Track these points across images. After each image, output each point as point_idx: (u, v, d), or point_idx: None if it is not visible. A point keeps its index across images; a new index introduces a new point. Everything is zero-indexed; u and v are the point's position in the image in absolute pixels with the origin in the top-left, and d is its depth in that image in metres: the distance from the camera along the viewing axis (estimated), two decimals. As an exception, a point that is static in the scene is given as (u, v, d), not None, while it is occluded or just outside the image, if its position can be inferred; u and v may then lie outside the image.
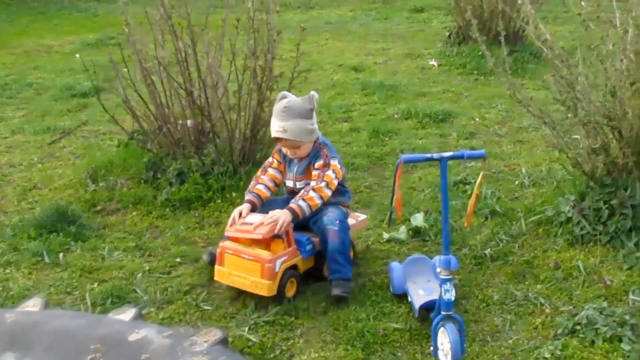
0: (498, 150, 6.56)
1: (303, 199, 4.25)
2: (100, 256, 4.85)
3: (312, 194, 4.26)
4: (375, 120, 7.45)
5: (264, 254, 4.13)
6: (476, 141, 6.84)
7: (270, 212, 4.22)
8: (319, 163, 4.36)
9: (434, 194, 5.60)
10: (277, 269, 4.11)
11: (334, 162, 4.37)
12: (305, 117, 4.28)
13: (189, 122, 5.84)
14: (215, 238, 5.04)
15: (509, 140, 6.86)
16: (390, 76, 9.24)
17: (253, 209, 4.41)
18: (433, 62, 9.81)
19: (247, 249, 4.18)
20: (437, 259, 3.98)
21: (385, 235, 4.98)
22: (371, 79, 9.01)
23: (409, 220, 5.12)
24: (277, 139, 4.42)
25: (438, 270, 3.67)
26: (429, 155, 3.64)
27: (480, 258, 4.65)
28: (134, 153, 6.17)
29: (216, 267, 4.28)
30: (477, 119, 7.46)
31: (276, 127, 4.32)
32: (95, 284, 4.48)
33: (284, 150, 4.49)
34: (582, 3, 4.91)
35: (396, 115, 7.63)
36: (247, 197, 4.51)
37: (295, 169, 4.47)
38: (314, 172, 4.37)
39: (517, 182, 5.83)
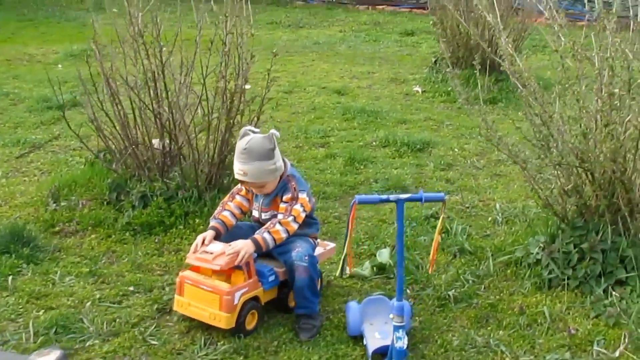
0: (474, 184, 6.43)
1: (268, 232, 4.16)
2: (51, 281, 4.68)
3: (278, 227, 4.18)
4: (352, 147, 7.32)
5: (223, 285, 4.04)
6: (453, 173, 6.71)
7: (233, 243, 4.12)
8: (287, 196, 4.29)
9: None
10: (236, 301, 4.01)
11: (302, 196, 4.29)
12: (266, 159, 4.19)
13: (155, 142, 5.69)
14: (173, 266, 4.90)
15: (486, 173, 6.74)
16: (373, 101, 9.12)
17: (217, 236, 4.31)
18: (417, 89, 9.69)
19: (207, 279, 4.09)
20: (393, 302, 3.83)
21: (348, 271, 4.82)
22: (353, 104, 8.89)
23: (374, 256, 4.98)
24: (240, 181, 4.37)
25: (391, 316, 3.53)
26: (384, 196, 3.52)
27: (444, 299, 4.51)
28: (99, 172, 6.02)
29: (175, 296, 4.19)
30: (455, 150, 7.34)
31: (237, 169, 4.27)
32: (42, 312, 4.31)
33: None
34: (561, 37, 4.81)
35: (374, 143, 7.50)
36: (212, 223, 4.40)
37: (262, 200, 4.40)
38: (282, 205, 4.28)
39: (490, 219, 5.70)
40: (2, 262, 4.83)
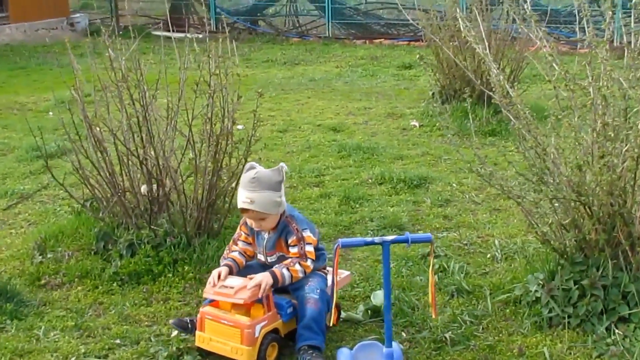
0: (472, 220, 6.37)
1: (287, 269, 4.31)
2: (35, 337, 4.62)
3: (297, 267, 4.33)
4: (347, 186, 7.29)
5: (243, 319, 4.20)
6: (450, 209, 6.66)
7: (252, 276, 4.26)
8: (292, 239, 4.39)
9: (398, 269, 5.39)
10: (256, 334, 4.16)
11: (307, 234, 4.41)
12: (274, 189, 4.31)
13: (143, 189, 5.65)
14: (161, 316, 4.84)
15: (485, 208, 6.68)
16: (369, 137, 9.11)
17: (230, 273, 4.42)
18: (414, 123, 9.68)
19: (227, 314, 4.25)
20: (394, 346, 3.77)
21: (342, 315, 4.75)
22: (349, 141, 8.87)
23: (369, 298, 4.91)
24: (244, 210, 4.42)
25: (380, 364, 3.46)
26: (369, 239, 3.46)
27: (440, 342, 4.43)
28: (86, 222, 5.98)
29: (197, 332, 4.33)
30: (453, 185, 7.30)
31: (243, 197, 4.34)
32: (24, 370, 4.25)
33: (249, 222, 4.49)
34: (554, 66, 4.77)
35: (370, 180, 7.46)
36: (223, 262, 4.51)
37: (265, 243, 4.48)
38: (292, 250, 4.40)
39: (488, 255, 5.64)
40: (-15, 319, 4.77)
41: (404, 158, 8.23)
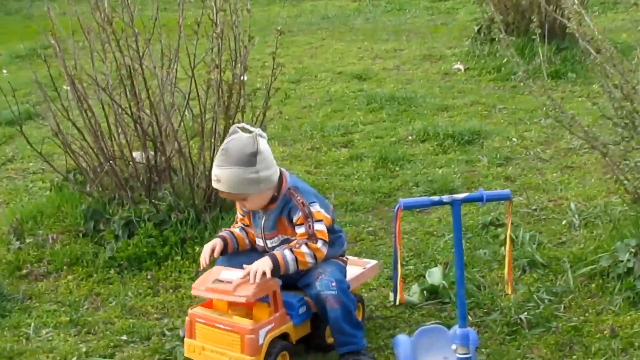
0: (540, 180, 6.53)
1: (290, 250, 4.20)
2: (24, 336, 4.80)
3: (304, 249, 4.21)
4: (382, 145, 7.44)
5: (244, 322, 4.09)
6: (512, 168, 6.81)
7: (246, 266, 4.19)
8: (297, 216, 4.29)
9: (456, 241, 5.55)
10: (261, 341, 4.07)
11: (316, 208, 4.30)
12: (245, 164, 4.19)
13: (137, 155, 5.81)
14: (173, 307, 5.02)
15: (554, 166, 6.83)
16: (403, 85, 9.25)
17: (225, 249, 4.43)
18: (458, 66, 9.81)
19: (223, 316, 4.16)
20: (454, 331, 3.94)
21: (393, 298, 4.92)
22: (379, 90, 9.03)
23: (423, 277, 5.08)
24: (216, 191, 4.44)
25: (454, 347, 3.63)
26: (436, 198, 3.61)
27: (515, 325, 4.59)
28: (70, 198, 6.15)
29: (186, 340, 4.27)
30: (514, 139, 7.45)
31: (212, 174, 4.33)
32: (17, 374, 4.45)
33: None
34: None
35: (410, 137, 7.61)
36: (221, 233, 4.56)
37: (263, 223, 4.40)
38: (298, 230, 4.30)
39: (564, 222, 5.79)
40: (-39, 316, 4.97)
41: (449, 109, 8.38)
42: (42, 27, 6.01)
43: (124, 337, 4.73)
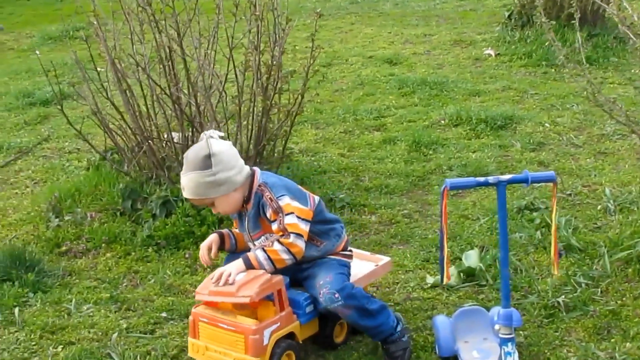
0: (574, 166, 6.53)
1: (263, 249, 4.09)
2: (66, 311, 4.85)
3: (277, 246, 4.07)
4: (415, 128, 7.45)
5: (248, 322, 4.00)
6: (546, 153, 6.81)
7: (219, 269, 4.13)
8: (269, 213, 4.16)
9: (491, 224, 5.56)
10: (266, 341, 3.98)
11: (285, 201, 4.13)
12: (201, 168, 4.11)
13: (175, 136, 5.85)
14: (211, 286, 5.04)
15: (588, 151, 6.82)
16: (435, 70, 9.26)
17: (222, 244, 4.39)
18: (489, 51, 9.80)
19: (227, 316, 4.06)
20: (496, 311, 3.95)
21: (430, 280, 4.94)
22: (410, 75, 9.04)
23: (460, 260, 5.09)
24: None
25: (497, 327, 3.64)
26: (482, 179, 3.63)
27: (552, 308, 4.60)
28: (107, 177, 6.20)
29: (189, 340, 4.20)
30: (546, 124, 7.44)
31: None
32: (60, 348, 4.49)
33: None
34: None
35: (442, 122, 7.62)
36: (217, 230, 4.52)
37: (247, 224, 4.29)
38: (273, 227, 4.16)
39: (599, 207, 5.79)
40: (5, 291, 5.01)
41: (481, 94, 8.37)
42: (77, 9, 6.01)
43: (164, 315, 4.77)
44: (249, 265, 4.05)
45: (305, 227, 4.09)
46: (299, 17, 11.36)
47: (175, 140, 5.87)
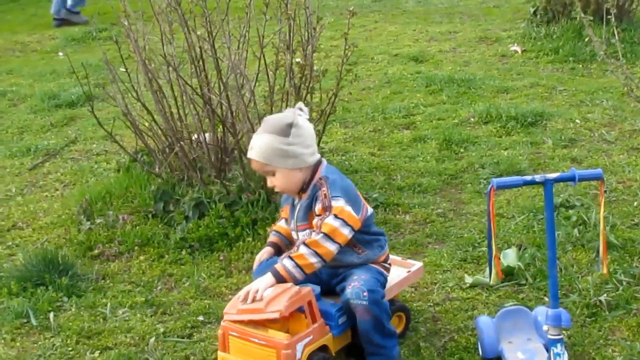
0: (608, 162, 6.45)
1: (289, 257, 4.01)
2: (102, 315, 4.80)
3: (303, 250, 3.98)
4: (445, 126, 7.38)
5: (280, 335, 3.91)
6: (578, 150, 6.73)
7: (245, 288, 4.05)
8: (318, 207, 4.09)
9: (527, 222, 5.50)
10: (298, 355, 3.90)
11: (338, 203, 4.03)
12: (279, 134, 4.07)
13: (207, 137, 5.80)
14: (247, 288, 4.99)
15: (620, 147, 6.75)
16: (461, 68, 9.19)
17: (278, 253, 4.29)
18: (515, 48, 9.73)
19: (258, 329, 3.97)
20: (541, 311, 3.88)
21: (469, 279, 4.88)
22: (436, 72, 8.97)
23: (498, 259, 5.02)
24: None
25: (545, 328, 3.57)
26: (529, 178, 3.56)
27: (595, 307, 4.53)
28: (138, 179, 6.16)
29: (219, 353, 4.11)
30: (577, 121, 7.36)
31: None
32: (97, 353, 4.45)
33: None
34: None
35: (472, 119, 7.55)
36: (269, 239, 4.42)
37: (296, 214, 4.22)
38: (315, 221, 4.10)
39: (635, 204, 5.71)
40: (39, 296, 4.96)
41: (509, 91, 8.30)
42: (97, 10, 5.98)
43: (201, 318, 4.71)
44: (278, 278, 3.97)
45: (344, 231, 3.99)
46: (322, 16, 11.34)
47: (207, 141, 5.82)
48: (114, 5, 5.82)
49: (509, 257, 5.00)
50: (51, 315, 4.79)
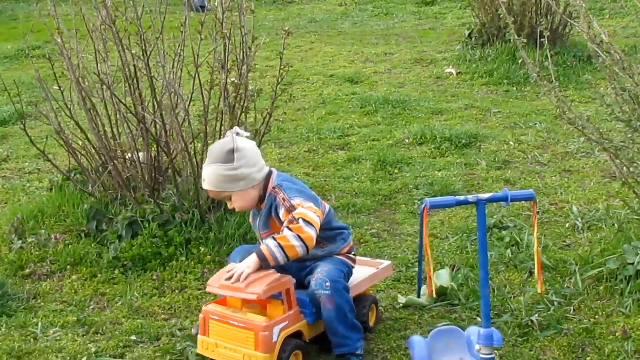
0: (540, 184, 6.55)
1: (273, 238, 4.18)
2: (32, 335, 4.75)
3: (286, 232, 4.14)
4: (379, 147, 7.45)
5: (258, 319, 4.13)
6: (511, 172, 6.83)
7: (235, 266, 4.22)
8: (281, 213, 4.29)
9: (461, 243, 5.56)
10: (275, 338, 4.10)
11: (298, 201, 4.25)
12: (223, 161, 4.28)
13: (141, 155, 5.78)
14: (180, 308, 4.98)
15: (553, 169, 6.86)
16: (396, 89, 9.28)
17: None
18: (450, 70, 9.85)
19: (237, 313, 4.19)
20: (474, 330, 3.93)
21: (402, 299, 4.92)
22: (372, 93, 9.05)
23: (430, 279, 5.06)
24: None
25: (477, 347, 3.61)
26: (462, 197, 3.61)
27: (526, 327, 4.59)
28: (70, 198, 6.11)
29: (199, 337, 4.30)
30: (510, 143, 7.47)
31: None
32: (26, 374, 4.40)
33: None
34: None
35: (407, 140, 7.62)
36: None
37: (258, 222, 4.46)
38: (283, 226, 4.24)
39: (567, 225, 5.81)
40: (-32, 315, 4.91)
41: (443, 112, 8.40)
42: (30, 28, 5.96)
43: (133, 337, 4.68)
44: (262, 258, 4.14)
45: (315, 218, 4.18)
46: (258, 35, 11.36)
47: (140, 160, 5.81)
48: (48, 22, 5.80)
49: (442, 278, 5.05)
50: (-20, 335, 4.74)
